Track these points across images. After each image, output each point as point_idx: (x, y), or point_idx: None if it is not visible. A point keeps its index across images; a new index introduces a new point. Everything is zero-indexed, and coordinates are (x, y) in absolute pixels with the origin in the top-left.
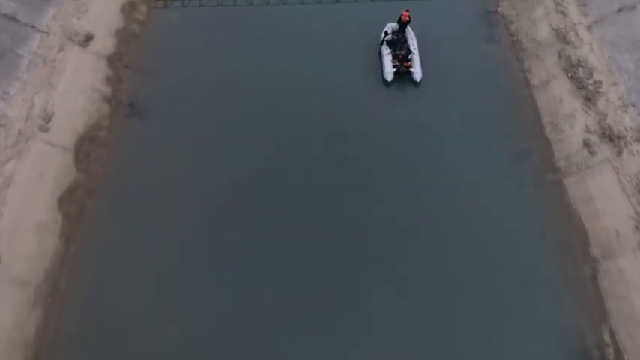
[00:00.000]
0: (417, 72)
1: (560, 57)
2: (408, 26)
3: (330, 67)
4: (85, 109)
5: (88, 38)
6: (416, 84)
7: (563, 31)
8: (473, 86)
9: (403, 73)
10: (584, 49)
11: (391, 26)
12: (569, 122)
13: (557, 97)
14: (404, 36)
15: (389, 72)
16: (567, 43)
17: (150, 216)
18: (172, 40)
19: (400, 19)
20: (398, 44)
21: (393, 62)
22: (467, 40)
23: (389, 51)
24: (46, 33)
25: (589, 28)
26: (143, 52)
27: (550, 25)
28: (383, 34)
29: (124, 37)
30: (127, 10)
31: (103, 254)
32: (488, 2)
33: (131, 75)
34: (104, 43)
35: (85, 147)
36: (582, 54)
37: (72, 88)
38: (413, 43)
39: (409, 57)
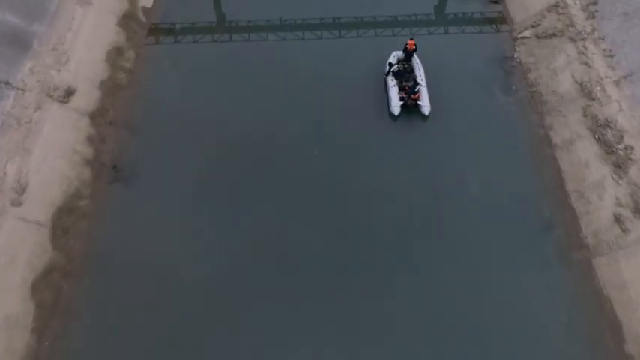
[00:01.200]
0: (425, 105)
1: (585, 114)
2: (415, 55)
3: (333, 106)
4: (64, 176)
5: (69, 93)
6: (424, 118)
7: (587, 84)
8: (488, 141)
9: (411, 106)
10: (612, 107)
11: (396, 54)
12: (597, 192)
13: (582, 161)
14: (410, 65)
15: (395, 105)
16: (593, 99)
17: (134, 304)
18: (162, 88)
19: (405, 48)
20: (404, 74)
21: (400, 94)
22: (481, 88)
23: (395, 82)
24: (21, 90)
25: (617, 83)
26: (130, 106)
27: (573, 77)
28: (388, 65)
29: (109, 88)
30: (113, 56)
31: (81, 351)
32: (504, 46)
33: (116, 133)
34: (87, 98)
35: (63, 221)
36: (610, 113)
37: (49, 153)
38: (420, 73)
39: (416, 89)
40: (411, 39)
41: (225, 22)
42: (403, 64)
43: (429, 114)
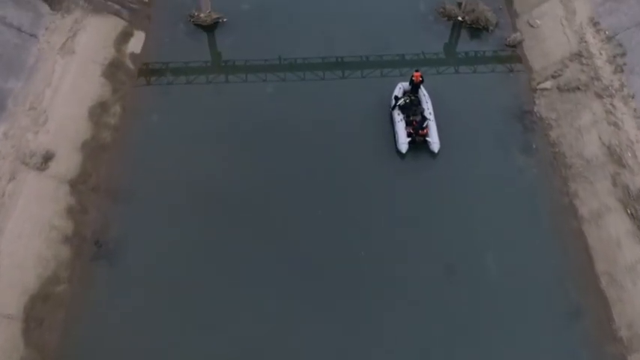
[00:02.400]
0: (434, 142)
1: (614, 184)
2: (422, 86)
3: (336, 152)
4: (40, 258)
5: (47, 158)
6: (433, 155)
7: (617, 149)
8: (505, 204)
9: (419, 142)
10: None
11: (402, 86)
12: (631, 277)
13: (613, 238)
14: (417, 97)
15: (403, 143)
16: (623, 166)
17: None
18: (151, 147)
19: (412, 79)
20: (411, 108)
21: (407, 130)
22: (497, 144)
23: (402, 117)
24: None
25: None
26: (115, 169)
27: (600, 139)
28: (393, 99)
29: (91, 150)
30: (97, 113)
31: None
32: (522, 96)
33: (99, 201)
34: (67, 163)
35: (38, 310)
36: None
37: (24, 231)
38: (428, 106)
39: (424, 124)
40: (417, 70)
41: (221, 61)
42: (409, 97)
43: (438, 151)
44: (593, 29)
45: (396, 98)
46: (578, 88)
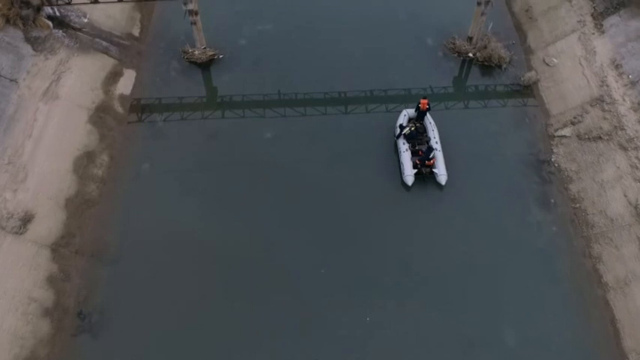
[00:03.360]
0: (441, 173)
1: None
2: (428, 114)
3: (340, 190)
4: (16, 336)
5: (27, 220)
6: (440, 187)
7: None
8: (522, 266)
9: (426, 174)
10: None
11: (407, 113)
12: None
13: None
14: (422, 125)
15: (409, 175)
16: None
17: None
18: (141, 200)
19: (418, 107)
20: (417, 136)
21: (413, 160)
22: (511, 196)
23: (407, 146)
24: None
25: None
26: (101, 227)
27: (625, 196)
28: (398, 127)
29: (76, 207)
30: (83, 164)
31: None
32: (538, 144)
33: (83, 265)
34: (48, 223)
35: None
36: None
37: None
38: (434, 134)
39: (431, 154)
40: (425, 97)
41: (217, 97)
42: (415, 124)
43: (446, 184)
44: (615, 72)
45: (401, 127)
46: (600, 138)
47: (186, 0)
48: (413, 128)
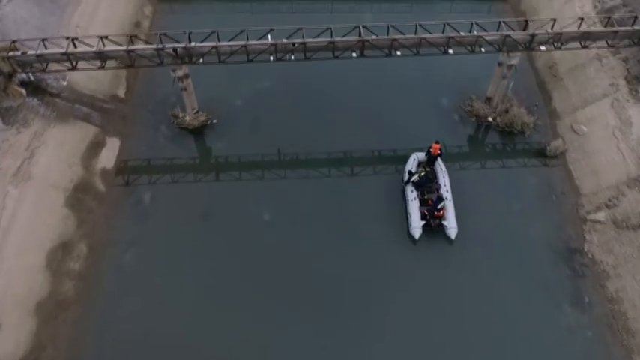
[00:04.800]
0: (451, 226)
1: None
2: (439, 159)
3: (343, 254)
4: None
5: None
6: (450, 241)
7: None
8: None
9: (434, 226)
10: None
11: (416, 157)
12: None
13: None
14: (433, 170)
15: (416, 227)
16: None
17: None
18: (123, 297)
19: (429, 151)
20: (426, 183)
21: (421, 211)
22: (537, 289)
23: (415, 195)
24: None
25: None
26: (77, 334)
27: None
28: (407, 174)
29: (49, 311)
30: (57, 258)
31: None
32: (568, 228)
33: None
34: (16, 335)
35: None
36: None
37: None
38: (445, 182)
39: (441, 205)
40: (437, 142)
41: (211, 160)
42: (425, 169)
43: (456, 238)
44: None
45: (410, 173)
46: None
47: (175, 67)
48: (423, 174)
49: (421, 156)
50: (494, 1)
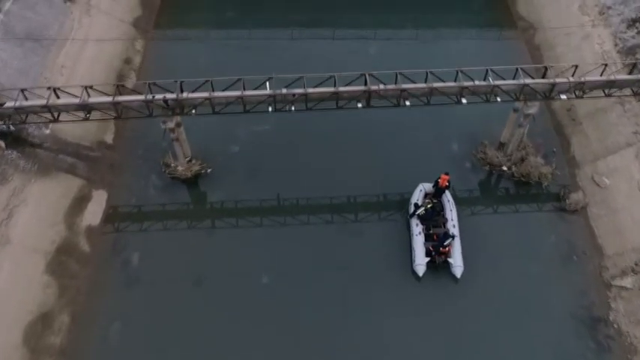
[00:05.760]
0: (457, 265)
1: None
2: (447, 191)
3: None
4: None
5: None
6: (455, 280)
7: None
8: None
9: (439, 263)
10: None
11: (423, 188)
12: None
13: None
14: (440, 203)
15: (420, 264)
16: None
17: None
18: None
19: (437, 182)
20: (432, 217)
21: (426, 246)
22: None
23: (420, 229)
24: None
25: None
26: None
27: None
28: (413, 206)
29: None
30: (36, 333)
31: None
32: (591, 293)
33: None
34: None
35: None
36: None
37: None
38: (452, 215)
39: (447, 242)
40: (447, 173)
41: (207, 203)
42: (431, 201)
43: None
44: None
45: (416, 205)
46: None
47: (165, 118)
48: (429, 206)
49: (428, 187)
50: (504, 28)
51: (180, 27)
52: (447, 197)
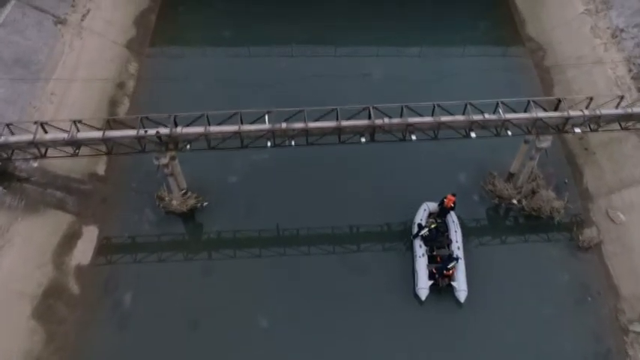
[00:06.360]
0: (461, 289)
1: None
2: (452, 211)
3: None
4: None
5: None
6: (459, 304)
7: None
8: None
9: (442, 287)
10: None
11: (428, 207)
12: None
13: None
14: (444, 223)
15: (423, 288)
16: None
17: None
18: None
19: (442, 202)
20: (437, 238)
21: (429, 268)
22: None
23: (424, 250)
24: None
25: None
26: None
27: None
28: (416, 226)
29: None
30: None
31: None
32: (607, 338)
33: None
34: None
35: None
36: None
37: None
38: (456, 236)
39: (451, 265)
40: (454, 194)
41: (203, 237)
42: (436, 220)
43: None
44: None
45: (420, 226)
46: None
47: (158, 154)
48: (433, 226)
49: (432, 206)
50: (512, 49)
51: (176, 47)
52: (452, 217)
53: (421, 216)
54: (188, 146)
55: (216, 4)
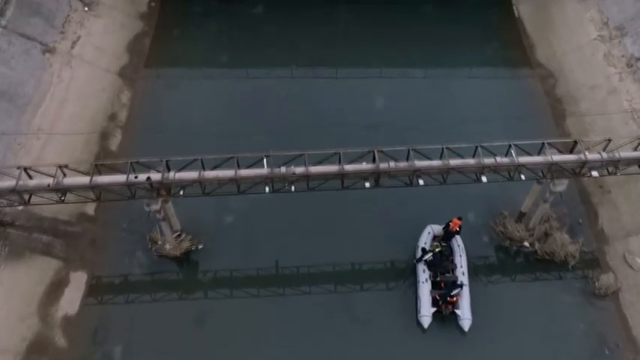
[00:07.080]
0: (465, 317)
1: None
2: (457, 235)
3: None
4: None
5: None
6: (462, 332)
7: None
8: None
9: (446, 314)
10: None
11: (432, 230)
12: None
13: None
14: (449, 247)
15: (425, 315)
16: None
17: None
18: None
19: (448, 225)
20: (440, 263)
21: (433, 294)
22: None
23: (427, 275)
24: None
25: None
26: None
27: None
28: (420, 250)
29: None
30: None
31: None
32: None
33: None
34: None
35: None
36: None
37: None
38: (461, 261)
39: (455, 291)
40: (460, 218)
41: (198, 273)
42: (440, 244)
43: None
44: None
45: (424, 250)
46: None
47: (149, 201)
48: (438, 250)
49: (437, 229)
50: (520, 72)
51: (171, 73)
52: (457, 241)
53: (425, 239)
54: (181, 192)
55: (212, 27)
